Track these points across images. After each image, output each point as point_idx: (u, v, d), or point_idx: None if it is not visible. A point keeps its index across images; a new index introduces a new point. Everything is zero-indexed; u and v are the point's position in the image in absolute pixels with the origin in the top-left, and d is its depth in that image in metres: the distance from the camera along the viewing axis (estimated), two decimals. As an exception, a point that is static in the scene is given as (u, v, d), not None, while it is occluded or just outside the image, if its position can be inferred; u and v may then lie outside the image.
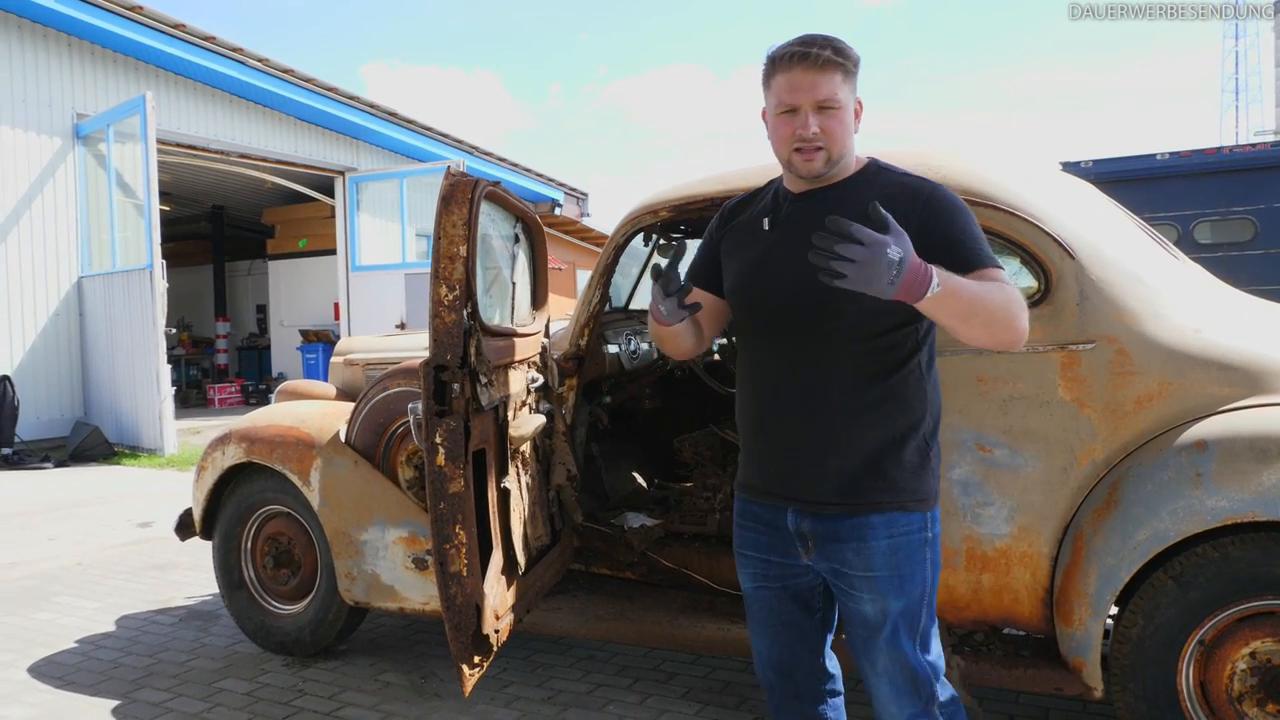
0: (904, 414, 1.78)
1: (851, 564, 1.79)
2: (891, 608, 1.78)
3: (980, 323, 1.62)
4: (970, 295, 1.58)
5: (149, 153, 9.08)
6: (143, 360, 9.21)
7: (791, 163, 1.79)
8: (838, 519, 1.79)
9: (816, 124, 1.73)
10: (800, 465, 1.81)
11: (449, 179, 2.25)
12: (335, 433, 3.41)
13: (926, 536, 1.81)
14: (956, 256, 1.67)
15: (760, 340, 1.87)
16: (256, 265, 17.73)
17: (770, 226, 1.87)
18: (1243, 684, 2.23)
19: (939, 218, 1.72)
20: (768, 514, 1.88)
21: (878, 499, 1.77)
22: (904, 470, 1.78)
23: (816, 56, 1.71)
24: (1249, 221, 7.77)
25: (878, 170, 1.84)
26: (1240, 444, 2.17)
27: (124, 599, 4.51)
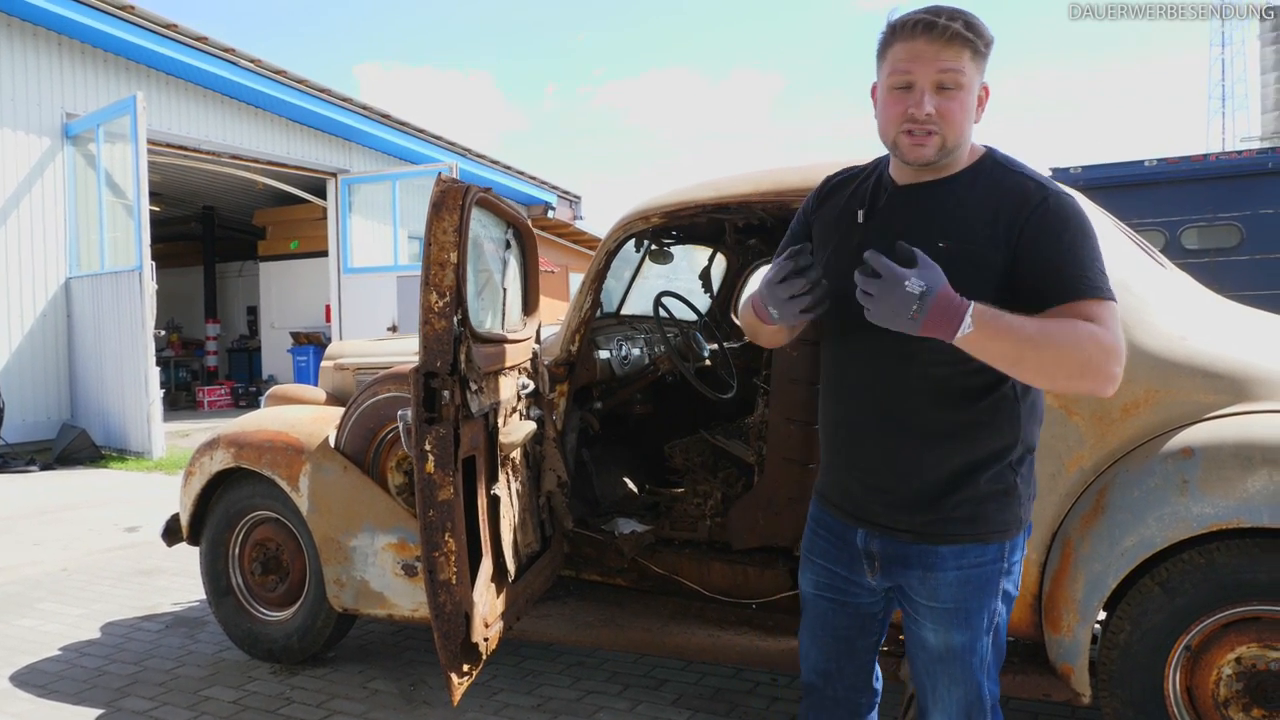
0: (988, 442, 1.64)
1: (916, 590, 1.71)
2: (955, 641, 1.69)
3: (1033, 368, 1.49)
4: (1019, 336, 1.44)
5: (139, 153, 9.04)
6: (131, 362, 9.16)
7: (898, 145, 1.60)
8: (907, 545, 1.69)
9: (933, 104, 1.54)
10: (874, 487, 1.71)
11: (440, 185, 2.25)
12: (325, 438, 3.40)
13: (1002, 567, 1.68)
14: (1053, 281, 1.53)
15: (843, 346, 1.73)
16: (247, 267, 17.66)
17: (864, 220, 1.69)
18: (1228, 689, 2.25)
19: (1044, 233, 1.54)
20: (838, 526, 1.80)
21: (951, 530, 1.65)
22: (982, 502, 1.64)
23: (945, 28, 1.52)
24: (1235, 228, 7.83)
25: (993, 165, 1.65)
26: (1225, 451, 2.19)
27: (109, 605, 4.48)
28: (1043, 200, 1.58)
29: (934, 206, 1.63)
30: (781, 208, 2.91)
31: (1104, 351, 1.47)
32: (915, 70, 1.55)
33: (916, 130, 1.57)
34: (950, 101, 1.55)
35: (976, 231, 1.58)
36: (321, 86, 12.26)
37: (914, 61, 1.55)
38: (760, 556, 3.09)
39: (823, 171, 2.80)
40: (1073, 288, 1.52)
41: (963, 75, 1.54)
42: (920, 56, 1.54)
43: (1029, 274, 1.54)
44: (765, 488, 3.02)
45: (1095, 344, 1.47)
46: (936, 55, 1.53)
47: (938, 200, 1.64)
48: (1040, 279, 1.53)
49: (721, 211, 3.02)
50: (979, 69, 1.58)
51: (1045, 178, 1.64)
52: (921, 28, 1.54)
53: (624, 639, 2.95)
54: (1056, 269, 1.53)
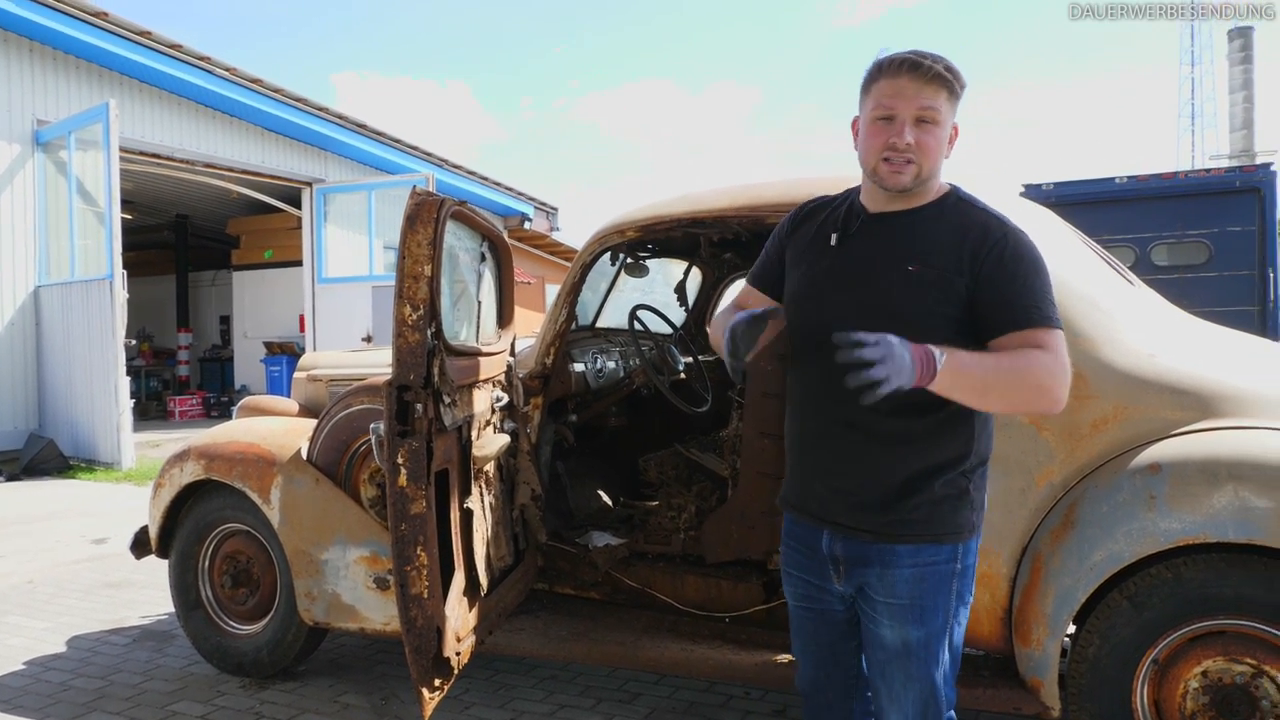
0: (943, 449, 1.77)
1: (874, 588, 1.81)
2: (911, 636, 1.79)
3: (997, 397, 1.65)
4: (982, 371, 1.61)
5: (111, 161, 8.95)
6: (101, 372, 9.04)
7: (878, 172, 1.75)
8: (867, 544, 1.80)
9: (912, 135, 1.69)
10: (837, 490, 1.82)
11: (414, 198, 2.24)
12: (297, 450, 3.36)
13: (955, 568, 1.80)
14: (1004, 312, 1.68)
15: (810, 359, 1.85)
16: (220, 276, 17.50)
17: (837, 243, 1.83)
18: (1195, 702, 2.27)
19: (1002, 267, 1.69)
20: (807, 535, 1.91)
21: (907, 531, 1.77)
22: (937, 504, 1.77)
23: (929, 69, 1.69)
24: (1203, 245, 7.95)
25: (957, 200, 1.80)
26: (1192, 467, 2.22)
27: (76, 618, 4.41)
28: (1003, 237, 1.73)
29: (903, 234, 1.78)
30: (757, 223, 2.93)
31: (1052, 376, 1.64)
32: (898, 105, 1.70)
33: (895, 158, 1.72)
34: (927, 135, 1.71)
35: (942, 258, 1.74)
36: (297, 95, 12.20)
37: (897, 97, 1.70)
38: (734, 570, 3.09)
39: (798, 187, 2.86)
40: (1025, 318, 1.68)
41: (940, 112, 1.70)
42: (903, 93, 1.69)
43: (987, 302, 1.70)
44: (739, 501, 3.03)
45: (1045, 371, 1.64)
46: (918, 92, 1.69)
47: (907, 228, 1.79)
48: (997, 308, 1.69)
49: (697, 226, 3.03)
50: (953, 109, 1.74)
51: (1004, 215, 1.79)
52: (907, 67, 1.70)
53: (597, 653, 2.94)
54: (1011, 300, 1.69)
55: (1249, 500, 2.13)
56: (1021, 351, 1.65)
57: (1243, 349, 2.78)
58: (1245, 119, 28.02)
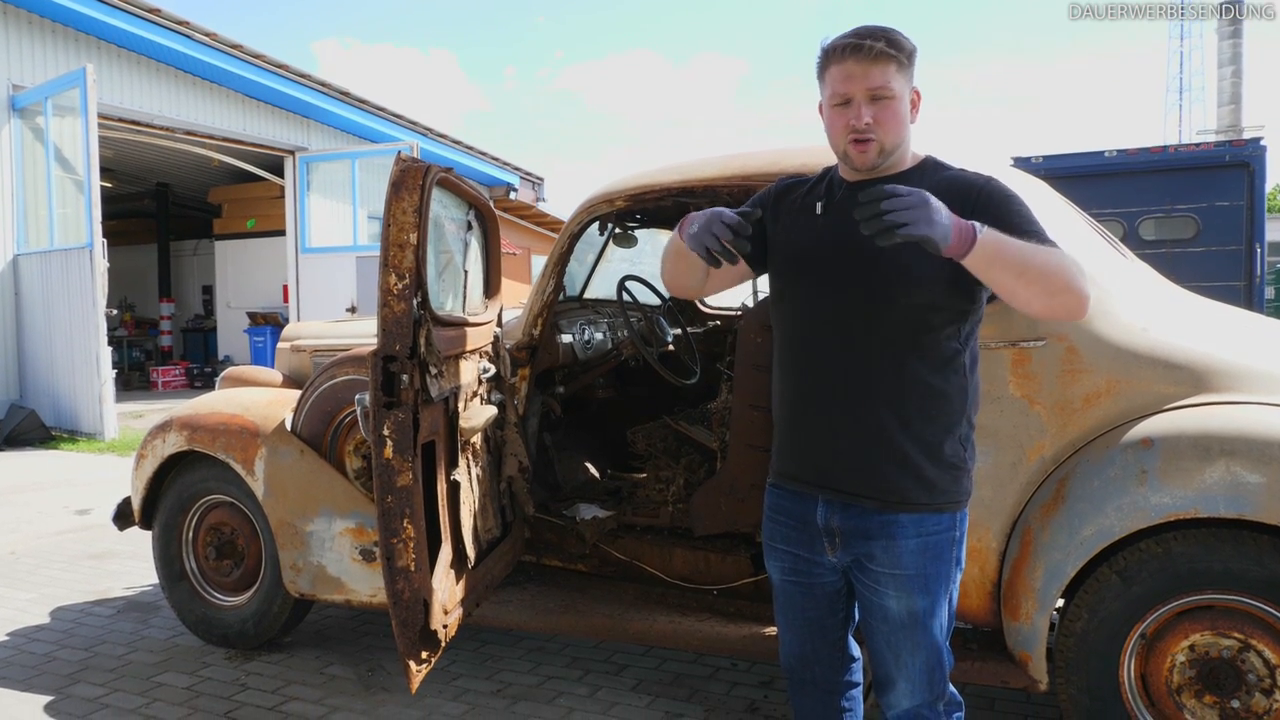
0: (944, 413, 1.78)
1: (879, 560, 1.81)
2: (917, 606, 1.80)
3: (1035, 279, 1.60)
4: (1020, 250, 1.59)
5: (89, 128, 8.77)
6: (82, 342, 8.93)
7: (848, 154, 1.80)
8: (869, 514, 1.79)
9: (870, 114, 1.73)
10: (838, 455, 1.81)
11: (399, 165, 2.19)
12: (281, 421, 3.33)
13: (954, 536, 1.82)
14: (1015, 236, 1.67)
15: (805, 325, 1.85)
16: (203, 245, 17.30)
17: (822, 212, 1.86)
18: (1182, 676, 2.28)
19: (992, 206, 1.71)
20: (797, 507, 1.89)
21: (913, 499, 1.78)
22: (942, 470, 1.78)
23: (870, 48, 1.72)
24: (1191, 219, 7.94)
25: (935, 165, 1.84)
26: (1184, 442, 2.21)
27: (59, 589, 4.37)
28: (985, 183, 1.77)
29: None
30: (748, 192, 2.87)
31: (1077, 268, 1.64)
32: (850, 88, 1.75)
33: (859, 138, 1.77)
34: (884, 110, 1.75)
35: None
36: (279, 62, 12.00)
37: (848, 81, 1.75)
38: (722, 542, 3.08)
39: (787, 156, 2.83)
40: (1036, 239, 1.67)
41: (891, 87, 1.74)
42: (852, 76, 1.74)
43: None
44: (728, 474, 3.01)
45: (1075, 266, 1.64)
46: (866, 73, 1.73)
47: None
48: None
49: (687, 195, 2.99)
50: (906, 78, 1.77)
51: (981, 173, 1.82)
52: (850, 50, 1.74)
53: (585, 625, 2.93)
54: (1018, 228, 1.67)
55: (1241, 475, 2.12)
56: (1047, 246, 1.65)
57: (1234, 323, 2.77)
58: (1234, 94, 27.98)
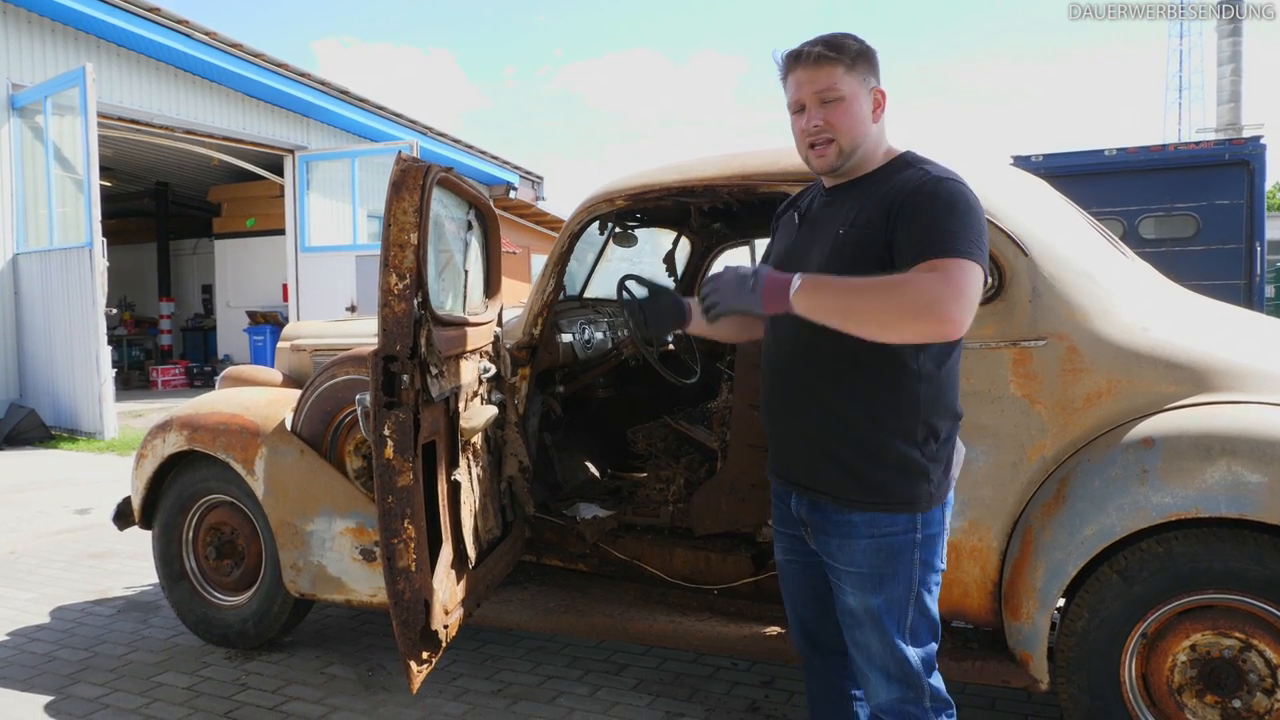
0: (894, 414, 1.78)
1: (836, 557, 1.86)
2: (872, 603, 1.83)
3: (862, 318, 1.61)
4: (843, 290, 1.64)
5: (89, 127, 8.77)
6: (81, 341, 8.93)
7: (809, 158, 1.87)
8: (828, 511, 1.85)
9: (820, 116, 1.79)
10: (799, 455, 1.90)
11: (400, 164, 2.19)
12: (281, 421, 3.32)
13: (915, 538, 1.81)
14: (907, 248, 1.68)
15: (776, 329, 1.92)
16: (202, 244, 17.29)
17: (800, 222, 1.97)
18: (1183, 676, 2.28)
19: (912, 210, 1.70)
20: (783, 494, 2.00)
21: (859, 497, 1.81)
22: (886, 472, 1.79)
23: (808, 54, 1.78)
24: (1191, 218, 7.93)
25: (903, 164, 1.83)
26: (1185, 442, 2.20)
27: (59, 589, 4.37)
28: (922, 184, 1.73)
29: (845, 202, 1.85)
30: (747, 191, 2.88)
31: (934, 294, 1.56)
32: (800, 94, 1.82)
33: (816, 141, 1.82)
34: (833, 111, 1.79)
35: (865, 217, 1.78)
36: (279, 61, 11.99)
37: (798, 88, 1.82)
38: (723, 542, 3.08)
39: (786, 155, 2.83)
40: (922, 249, 1.65)
41: (838, 88, 1.78)
42: (800, 83, 1.81)
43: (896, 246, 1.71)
44: (728, 474, 3.01)
45: (924, 289, 1.57)
46: (811, 79, 1.79)
47: (849, 197, 1.86)
48: (903, 249, 1.69)
49: (687, 195, 2.99)
50: (858, 78, 1.80)
51: (945, 172, 1.76)
52: (796, 59, 1.81)
53: (585, 625, 2.93)
54: (915, 237, 1.68)
55: (1242, 475, 2.12)
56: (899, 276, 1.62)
57: (1235, 322, 2.77)
58: (1233, 92, 27.92)
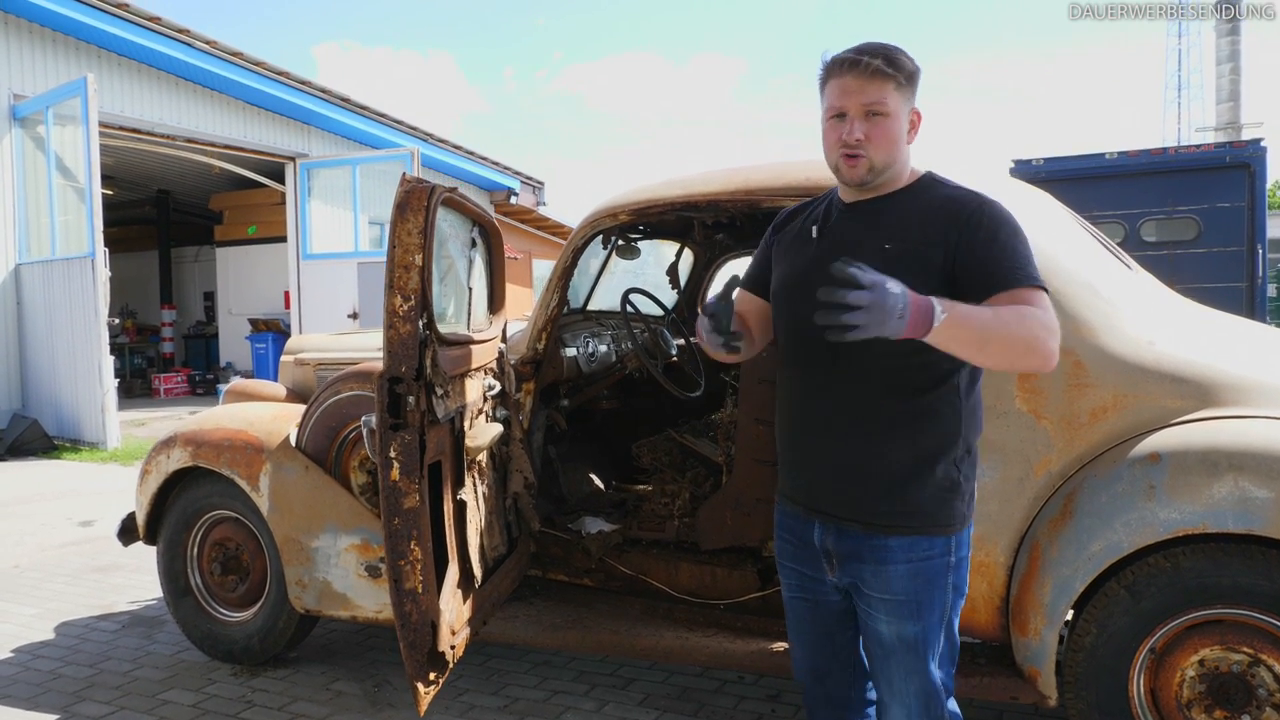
0: (935, 435, 1.76)
1: (869, 584, 1.81)
2: (907, 631, 1.80)
3: (995, 351, 1.61)
4: (980, 322, 1.57)
5: (90, 137, 8.78)
6: (84, 351, 8.94)
7: (839, 167, 1.80)
8: (859, 537, 1.80)
9: (862, 130, 1.74)
10: (828, 480, 1.83)
11: (404, 186, 2.19)
12: (285, 437, 3.32)
13: (950, 561, 1.80)
14: (988, 273, 1.68)
15: (799, 350, 1.86)
16: (204, 251, 17.30)
17: (818, 236, 1.88)
18: (1191, 691, 2.27)
19: (980, 235, 1.70)
20: (798, 527, 1.92)
21: (900, 523, 1.77)
22: (929, 494, 1.77)
23: (867, 65, 1.72)
24: (1193, 221, 7.94)
25: (930, 183, 1.83)
26: (1192, 457, 2.20)
27: (63, 604, 4.37)
28: (978, 206, 1.75)
29: (879, 217, 1.81)
30: (751, 206, 2.88)
31: (1045, 329, 1.62)
32: (845, 103, 1.75)
33: (850, 153, 1.77)
34: (876, 127, 1.75)
35: (918, 233, 1.75)
36: (279, 69, 12.00)
37: (844, 96, 1.75)
38: (728, 557, 3.07)
39: (790, 170, 2.83)
40: (1008, 278, 1.68)
41: (887, 104, 1.74)
42: (848, 91, 1.75)
43: (968, 268, 1.70)
44: (734, 488, 3.01)
45: (1039, 325, 1.62)
46: (862, 89, 1.73)
47: (883, 212, 1.82)
48: (980, 272, 1.69)
49: (690, 209, 2.99)
50: (904, 97, 1.77)
51: (979, 191, 1.81)
52: (848, 65, 1.75)
53: (592, 641, 2.93)
54: (995, 263, 1.69)
55: (1249, 490, 2.12)
56: (1016, 306, 1.63)
57: (1240, 334, 2.76)
58: (1232, 91, 27.89)
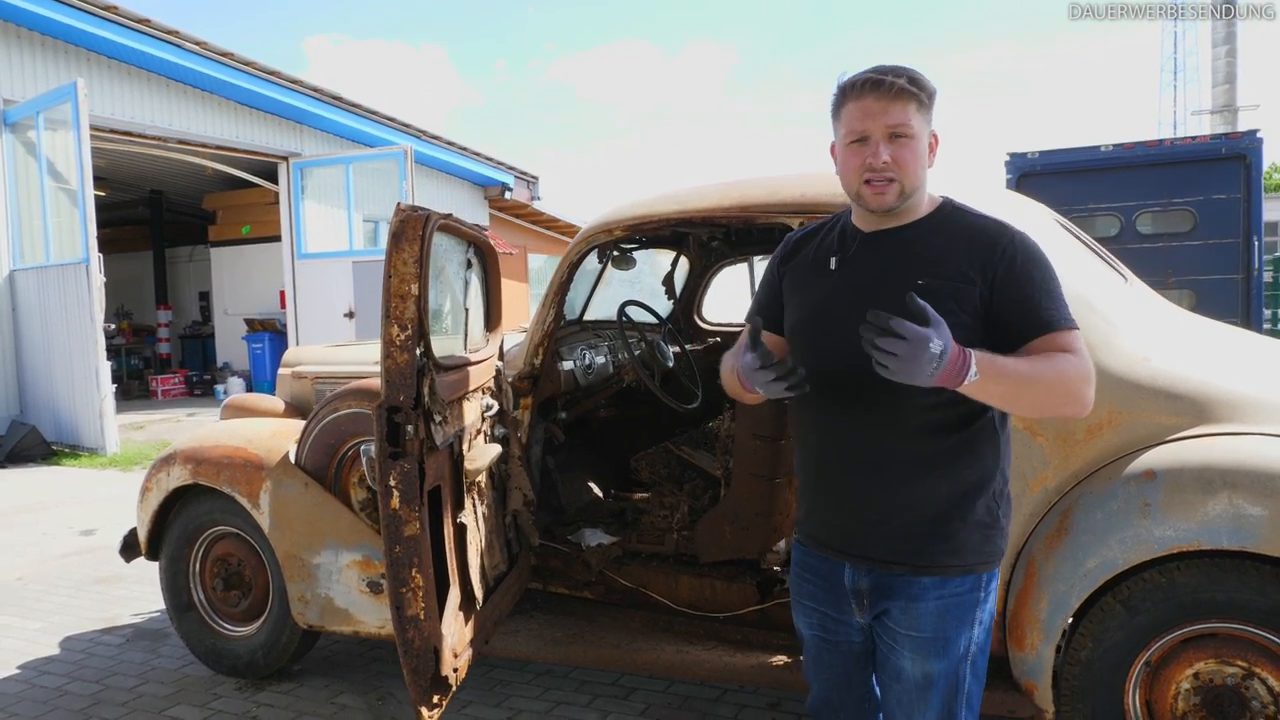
0: (974, 470, 1.72)
1: (896, 620, 1.76)
2: (932, 669, 1.75)
3: (1029, 403, 1.62)
4: (1016, 377, 1.56)
5: (82, 142, 8.76)
6: (81, 357, 8.94)
7: (861, 195, 1.72)
8: (894, 575, 1.74)
9: (888, 153, 1.65)
10: (864, 522, 1.76)
11: (399, 215, 2.19)
12: (285, 454, 3.33)
13: (979, 596, 1.75)
14: (1027, 318, 1.65)
15: (823, 386, 1.74)
16: (198, 251, 17.26)
17: (837, 267, 1.78)
18: (1186, 703, 2.30)
19: (1016, 273, 1.66)
20: (825, 568, 1.84)
21: (944, 561, 1.72)
22: (972, 531, 1.72)
23: (890, 85, 1.65)
24: (1189, 213, 7.94)
25: (952, 210, 1.77)
26: (1187, 475, 2.22)
27: (67, 618, 4.39)
28: (1010, 242, 1.70)
29: (906, 249, 1.74)
30: (746, 222, 2.89)
31: (1082, 379, 1.62)
32: (868, 125, 1.67)
33: (875, 179, 1.68)
34: (903, 150, 1.67)
35: (951, 268, 1.69)
36: (270, 69, 11.95)
37: (866, 118, 1.67)
38: (727, 570, 3.09)
39: (786, 186, 2.83)
40: (1046, 322, 1.65)
41: (911, 126, 1.67)
42: (871, 112, 1.66)
43: (1005, 309, 1.67)
44: (732, 502, 3.02)
45: (1075, 374, 1.61)
46: (885, 110, 1.65)
47: (909, 243, 1.74)
48: (1019, 314, 1.66)
49: (685, 225, 3.00)
50: (926, 119, 1.70)
51: (1004, 220, 1.77)
52: (870, 86, 1.67)
53: (593, 655, 2.95)
54: (1033, 305, 1.66)
55: (1243, 508, 2.13)
56: (1052, 355, 1.61)
57: (1236, 347, 2.78)
58: (1228, 73, 27.79)
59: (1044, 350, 1.63)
